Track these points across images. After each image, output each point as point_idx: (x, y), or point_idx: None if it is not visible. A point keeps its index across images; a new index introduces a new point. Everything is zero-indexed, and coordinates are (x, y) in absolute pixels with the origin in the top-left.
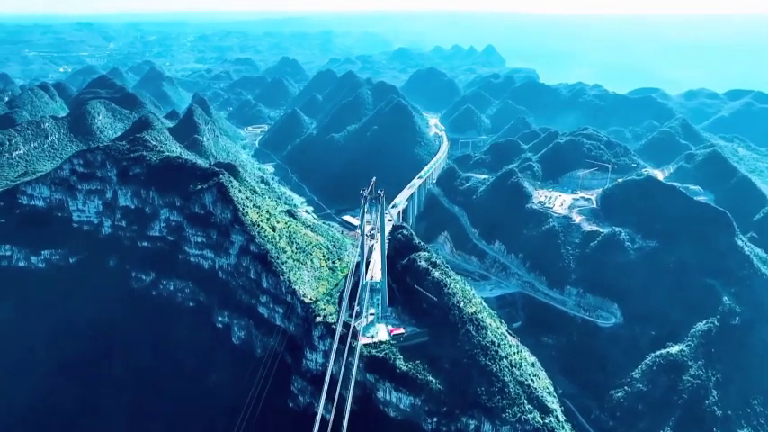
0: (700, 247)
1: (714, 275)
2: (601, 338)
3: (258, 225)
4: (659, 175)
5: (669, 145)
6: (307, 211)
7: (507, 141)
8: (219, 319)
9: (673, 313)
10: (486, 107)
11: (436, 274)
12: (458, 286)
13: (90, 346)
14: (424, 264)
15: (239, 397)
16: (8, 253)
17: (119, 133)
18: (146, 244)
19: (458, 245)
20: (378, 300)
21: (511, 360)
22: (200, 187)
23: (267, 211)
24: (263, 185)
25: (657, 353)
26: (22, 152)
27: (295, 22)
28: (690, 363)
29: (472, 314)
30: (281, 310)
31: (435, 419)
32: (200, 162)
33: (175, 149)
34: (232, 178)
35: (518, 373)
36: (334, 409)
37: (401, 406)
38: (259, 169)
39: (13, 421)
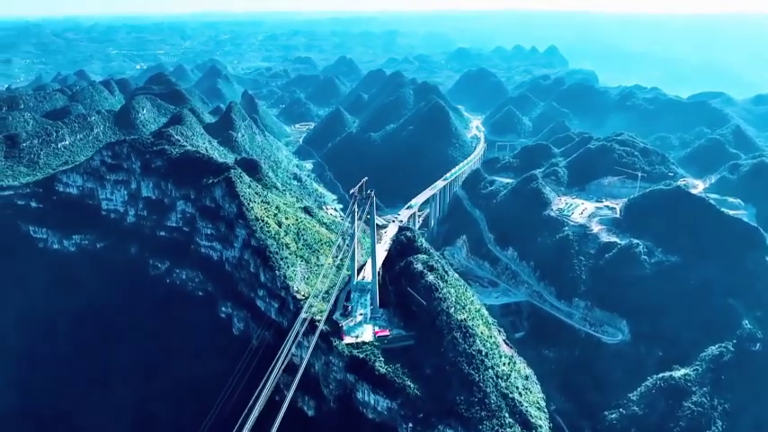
0: (725, 265)
1: (738, 296)
2: (604, 355)
3: (262, 220)
4: (699, 185)
5: (717, 153)
6: (335, 209)
7: (538, 145)
8: (223, 309)
9: (685, 334)
10: (532, 109)
11: (430, 277)
12: (452, 292)
13: (108, 326)
14: (419, 267)
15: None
16: (44, 236)
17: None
18: (163, 234)
19: (473, 249)
20: (366, 300)
21: (497, 371)
22: (211, 181)
23: (277, 207)
24: (294, 182)
25: (659, 375)
26: (67, 143)
27: (363, 22)
28: (694, 389)
29: (461, 321)
30: (277, 305)
31: (411, 424)
32: (231, 157)
33: (202, 144)
34: (243, 173)
35: (503, 384)
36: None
37: (378, 408)
38: (297, 166)
39: (35, 391)
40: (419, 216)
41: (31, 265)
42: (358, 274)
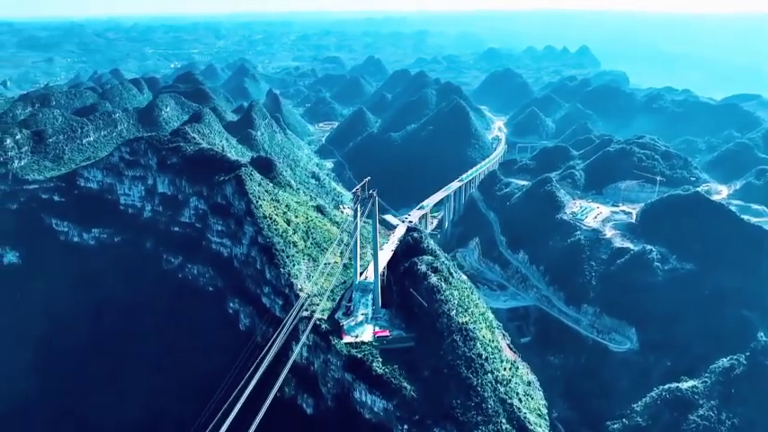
0: (742, 274)
1: (753, 308)
2: (610, 364)
3: (270, 218)
4: (723, 191)
5: (745, 158)
6: (351, 209)
7: (556, 147)
8: (231, 305)
9: (696, 345)
10: (556, 111)
11: (433, 279)
12: (455, 294)
13: (123, 318)
14: (423, 268)
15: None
16: (66, 229)
17: None
18: (177, 229)
19: (485, 252)
20: (368, 300)
21: (497, 376)
22: (222, 178)
23: (286, 205)
24: (312, 181)
25: (665, 386)
26: (91, 139)
27: (395, 22)
28: (701, 401)
29: (462, 324)
30: (281, 302)
31: (406, 426)
32: (248, 155)
33: (219, 142)
34: (254, 171)
35: (502, 390)
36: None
37: (375, 409)
38: (317, 165)
39: (51, 378)
40: (434, 217)
41: (53, 257)
42: (362, 274)
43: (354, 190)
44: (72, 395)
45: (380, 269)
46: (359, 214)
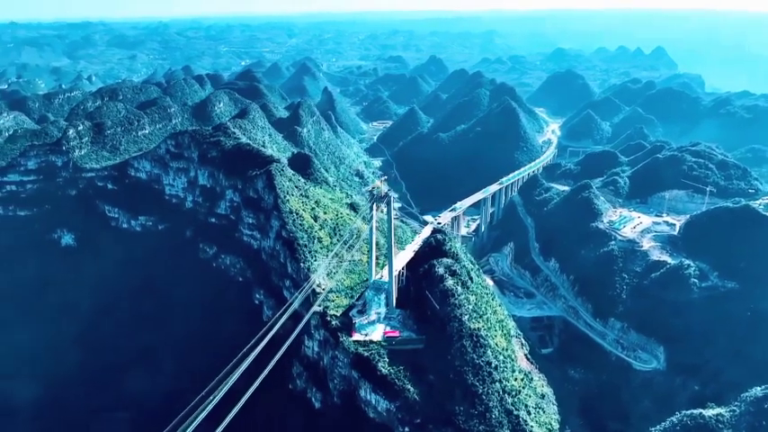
0: None
1: None
2: (633, 383)
3: (296, 213)
4: None
5: None
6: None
7: (603, 152)
8: (257, 296)
9: (729, 370)
10: (615, 114)
11: (449, 282)
12: (471, 299)
13: (160, 302)
14: (441, 270)
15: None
16: (116, 216)
17: None
18: (213, 220)
19: (518, 258)
20: (382, 299)
21: (506, 386)
22: (255, 173)
23: (316, 201)
24: (356, 179)
25: (688, 411)
26: (147, 131)
27: (465, 22)
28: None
29: (474, 330)
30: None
31: (407, 429)
32: (291, 151)
33: (261, 137)
34: (285, 167)
35: (509, 400)
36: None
37: (378, 408)
38: (364, 163)
39: (92, 355)
40: (474, 220)
41: (104, 241)
42: (378, 273)
43: (369, 188)
44: (109, 370)
45: (399, 269)
46: (374, 212)
